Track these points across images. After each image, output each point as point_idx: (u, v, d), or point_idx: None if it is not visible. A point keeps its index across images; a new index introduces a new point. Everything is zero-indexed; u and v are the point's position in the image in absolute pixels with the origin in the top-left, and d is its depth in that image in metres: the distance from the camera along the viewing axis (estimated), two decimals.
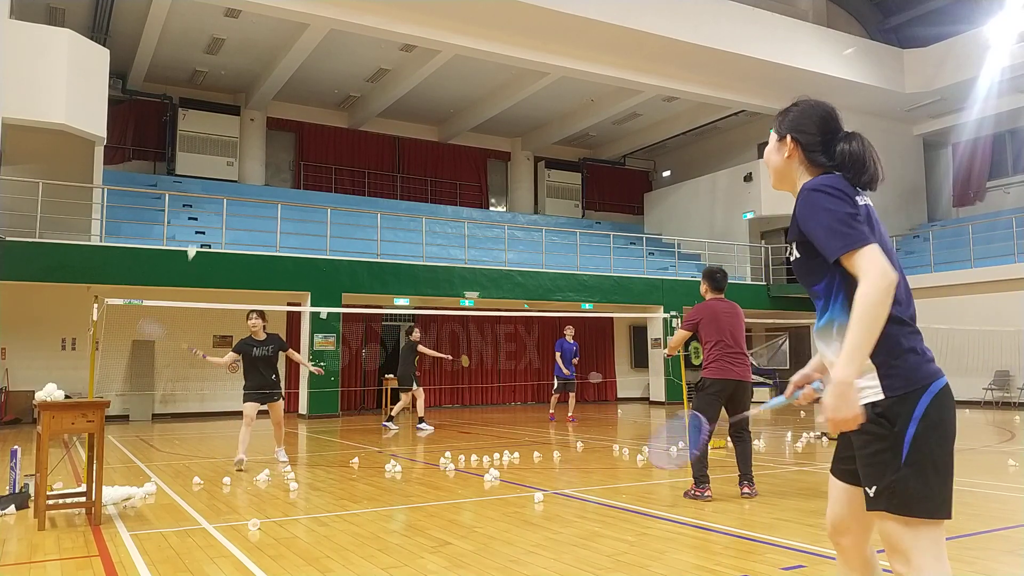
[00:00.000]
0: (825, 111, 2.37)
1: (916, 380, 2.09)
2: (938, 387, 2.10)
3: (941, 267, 19.58)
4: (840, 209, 2.12)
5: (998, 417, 15.01)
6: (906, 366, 2.10)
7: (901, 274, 2.19)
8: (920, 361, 2.11)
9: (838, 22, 23.09)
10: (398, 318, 20.32)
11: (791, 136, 2.36)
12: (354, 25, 16.42)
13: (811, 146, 2.32)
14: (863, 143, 2.30)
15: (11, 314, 14.37)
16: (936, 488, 2.06)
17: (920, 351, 2.14)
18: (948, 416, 2.09)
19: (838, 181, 2.21)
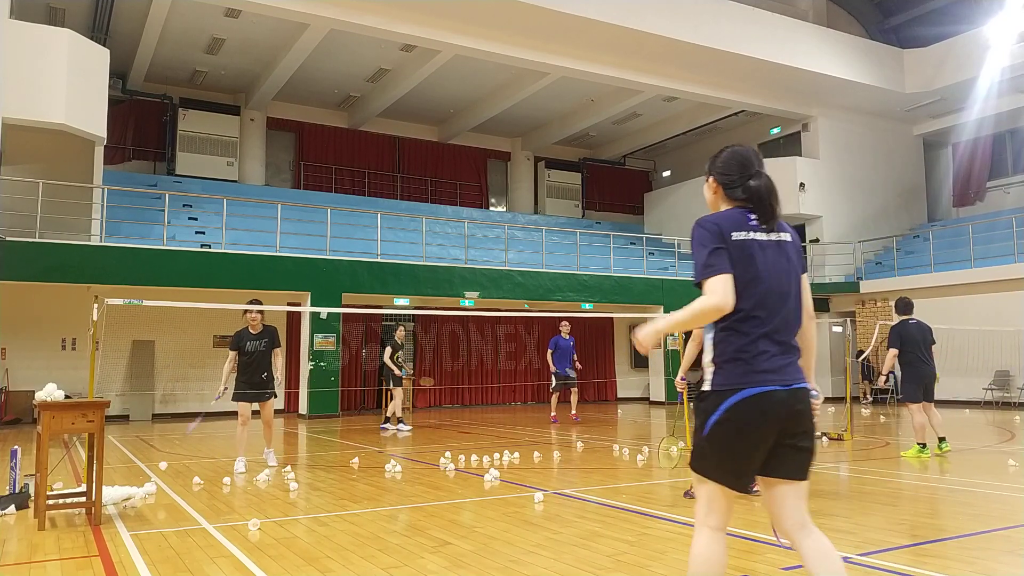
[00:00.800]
0: (744, 156, 2.91)
1: (732, 383, 2.67)
2: (745, 395, 2.65)
3: (941, 267, 19.57)
4: (703, 248, 2.73)
5: (998, 417, 15.00)
6: (728, 371, 2.70)
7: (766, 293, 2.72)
8: (743, 369, 2.67)
9: (838, 22, 23.09)
10: (398, 318, 20.32)
11: (714, 177, 2.95)
12: (354, 25, 16.42)
13: (729, 184, 2.89)
14: (765, 182, 2.84)
15: (11, 314, 14.37)
16: (715, 460, 2.71)
17: (748, 361, 2.67)
18: (743, 418, 2.65)
19: (719, 218, 2.80)
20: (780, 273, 2.76)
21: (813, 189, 22.36)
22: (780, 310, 2.74)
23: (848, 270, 22.15)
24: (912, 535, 5.10)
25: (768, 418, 2.65)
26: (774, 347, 2.70)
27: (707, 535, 2.71)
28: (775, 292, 2.73)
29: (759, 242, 2.75)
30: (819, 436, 11.16)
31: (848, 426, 11.40)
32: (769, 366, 2.67)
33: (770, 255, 2.76)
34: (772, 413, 2.65)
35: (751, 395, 2.64)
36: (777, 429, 2.67)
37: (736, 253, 2.71)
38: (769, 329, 2.70)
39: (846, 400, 12.08)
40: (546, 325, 21.85)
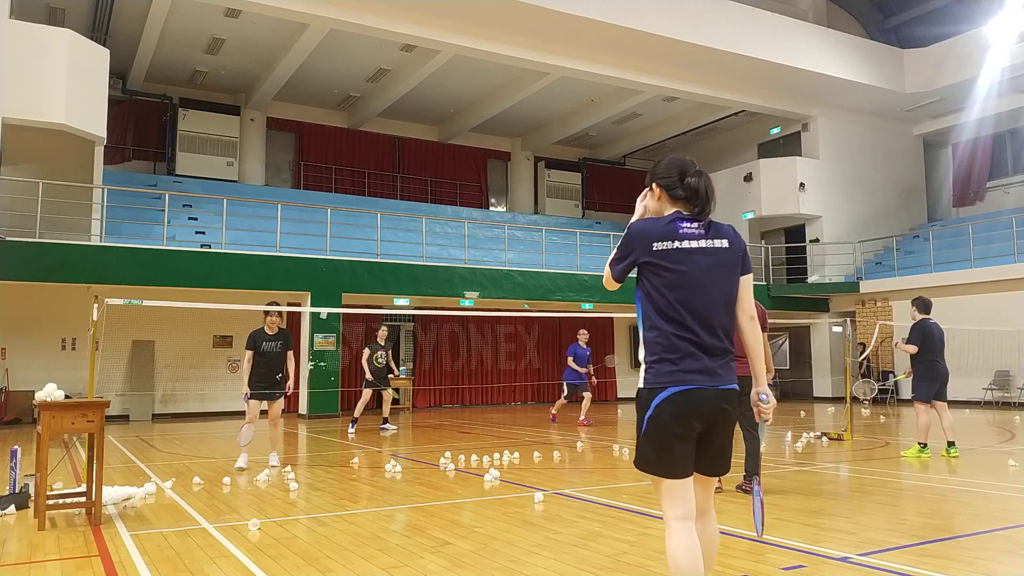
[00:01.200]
0: (682, 160, 3.14)
1: (661, 382, 2.89)
2: (669, 392, 2.87)
3: (941, 267, 19.57)
4: (620, 252, 3.03)
5: (998, 417, 15.00)
6: (657, 370, 2.92)
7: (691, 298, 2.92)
8: (671, 369, 2.89)
9: (838, 22, 23.09)
10: (398, 318, 20.32)
11: (656, 183, 3.13)
12: (354, 25, 16.42)
13: (670, 186, 3.07)
14: (704, 180, 3.08)
15: (11, 314, 14.37)
16: (653, 455, 2.91)
17: (675, 362, 2.89)
18: (671, 413, 2.86)
19: (648, 226, 3.02)
20: (708, 278, 2.93)
21: (813, 189, 22.36)
22: (706, 314, 2.91)
23: (848, 270, 22.15)
24: (912, 535, 5.10)
25: (693, 414, 2.87)
26: (700, 349, 2.89)
27: (675, 527, 2.89)
28: (700, 297, 2.91)
29: (686, 249, 2.94)
30: (819, 436, 11.17)
31: (848, 426, 11.40)
32: (696, 367, 2.87)
33: (698, 261, 2.94)
34: (697, 410, 2.87)
35: (677, 392, 2.86)
36: (702, 425, 2.89)
37: (660, 262, 2.93)
38: (694, 332, 2.89)
39: (846, 400, 12.08)
40: (546, 325, 21.86)
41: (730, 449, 3.04)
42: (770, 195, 22.52)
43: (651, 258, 2.93)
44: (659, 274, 2.92)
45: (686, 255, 2.92)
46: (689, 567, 2.81)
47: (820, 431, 11.67)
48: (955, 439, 9.24)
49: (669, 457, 2.88)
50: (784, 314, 20.87)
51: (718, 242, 3.00)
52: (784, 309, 21.47)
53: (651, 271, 2.95)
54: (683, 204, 3.04)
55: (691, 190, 3.02)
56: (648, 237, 2.96)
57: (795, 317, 21.41)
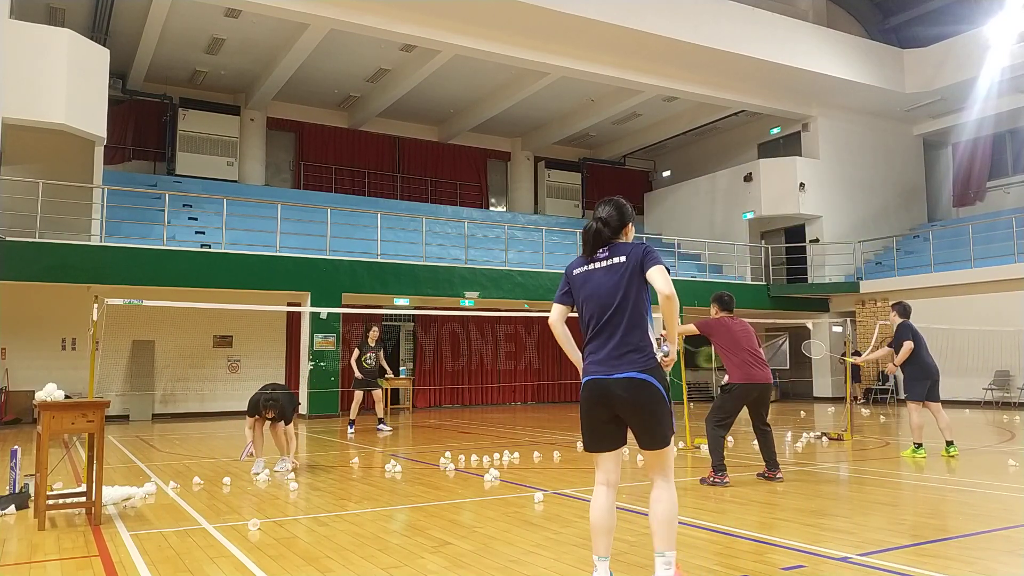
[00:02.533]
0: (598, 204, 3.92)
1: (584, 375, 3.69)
2: (584, 381, 3.69)
3: (941, 267, 19.58)
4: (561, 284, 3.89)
5: (998, 417, 15.00)
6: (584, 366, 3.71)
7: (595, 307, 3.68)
8: (586, 364, 3.70)
9: (838, 22, 23.10)
10: (398, 318, 20.32)
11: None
12: (354, 25, 16.43)
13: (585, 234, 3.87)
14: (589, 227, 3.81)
15: (11, 314, 14.37)
16: (583, 431, 3.73)
17: (587, 357, 3.70)
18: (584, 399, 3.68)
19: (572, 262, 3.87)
20: (605, 289, 3.65)
21: (813, 189, 22.37)
22: (604, 317, 3.62)
23: (848, 270, 22.16)
24: (912, 535, 5.10)
25: (597, 399, 3.60)
26: (602, 347, 3.61)
27: (597, 490, 3.70)
28: (600, 305, 3.64)
29: (590, 271, 3.72)
30: (819, 436, 11.17)
31: (848, 426, 11.40)
32: (598, 359, 3.60)
33: (598, 277, 3.68)
34: (599, 396, 3.59)
35: (585, 382, 3.65)
36: (609, 407, 3.57)
37: (575, 283, 3.77)
38: (597, 333, 3.64)
39: (846, 400, 12.08)
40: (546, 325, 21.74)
41: (651, 425, 3.58)
42: (770, 195, 22.52)
43: (571, 282, 3.81)
44: (575, 292, 3.77)
45: (590, 275, 3.72)
46: (599, 519, 3.61)
47: (820, 431, 11.67)
48: (953, 438, 9.22)
49: (590, 435, 3.70)
50: (784, 314, 20.87)
51: (615, 259, 3.69)
52: (784, 309, 21.47)
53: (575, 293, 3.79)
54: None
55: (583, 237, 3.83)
56: (570, 267, 3.85)
57: (795, 317, 21.39)
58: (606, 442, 3.65)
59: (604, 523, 3.61)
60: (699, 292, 20.21)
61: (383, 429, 13.37)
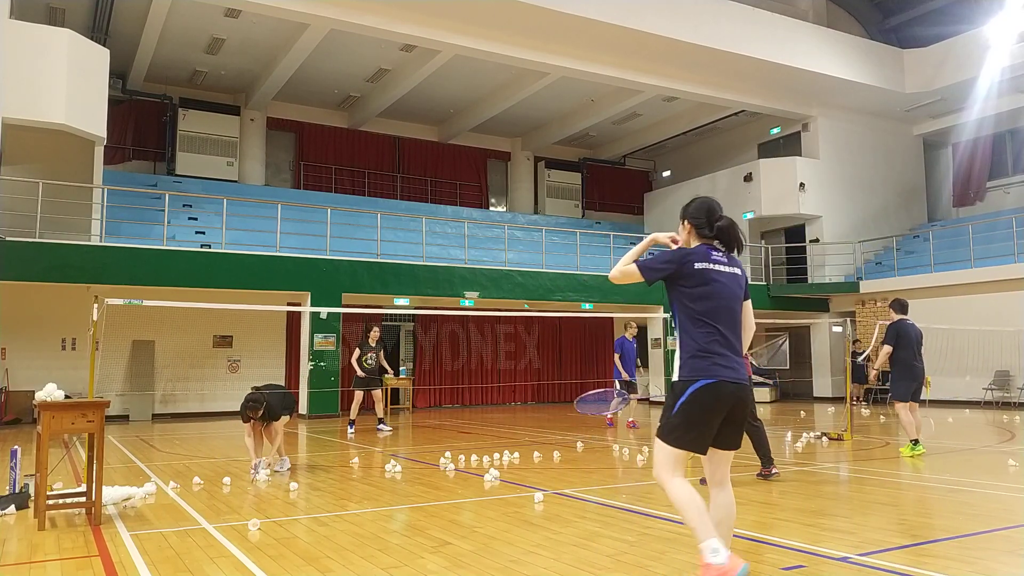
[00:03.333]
0: (710, 204, 3.85)
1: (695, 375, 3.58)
2: (703, 382, 3.55)
3: (941, 267, 19.58)
4: (662, 257, 3.75)
5: (998, 417, 15.00)
6: (692, 365, 3.60)
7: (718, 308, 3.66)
8: (705, 364, 3.58)
9: (838, 22, 23.09)
10: (398, 318, 20.32)
11: (687, 221, 3.87)
12: (354, 25, 16.42)
13: (699, 226, 3.82)
14: (728, 223, 3.79)
15: (11, 314, 14.37)
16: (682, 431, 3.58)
17: (707, 358, 3.59)
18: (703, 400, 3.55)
19: (688, 250, 3.77)
20: (730, 295, 3.71)
21: (813, 189, 22.36)
22: (728, 322, 3.67)
23: (848, 270, 22.15)
24: (912, 535, 5.10)
25: (726, 400, 3.56)
26: (729, 350, 3.63)
27: (679, 480, 3.57)
28: (725, 308, 3.67)
29: (716, 270, 3.69)
30: (819, 436, 11.17)
31: (848, 426, 11.40)
32: (723, 363, 3.58)
33: (726, 280, 3.70)
34: (728, 397, 3.56)
35: (708, 384, 3.54)
36: (729, 409, 3.58)
37: (698, 278, 3.65)
38: (725, 337, 3.63)
39: (846, 400, 12.08)
40: (546, 325, 21.87)
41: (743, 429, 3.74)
42: (770, 195, 22.52)
43: (690, 274, 3.65)
44: (697, 286, 3.64)
45: (716, 275, 3.67)
46: (701, 500, 3.50)
47: (820, 431, 11.67)
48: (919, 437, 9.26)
49: (697, 435, 3.60)
50: (784, 314, 20.88)
51: (736, 269, 3.78)
52: (784, 309, 21.47)
53: (685, 285, 3.66)
54: (707, 242, 3.79)
55: (720, 232, 3.77)
56: (690, 257, 3.69)
57: (795, 317, 21.40)
58: (708, 441, 3.64)
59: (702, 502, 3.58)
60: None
61: (383, 429, 13.36)
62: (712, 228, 3.78)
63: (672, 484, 3.57)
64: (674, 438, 3.58)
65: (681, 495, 3.53)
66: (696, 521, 3.46)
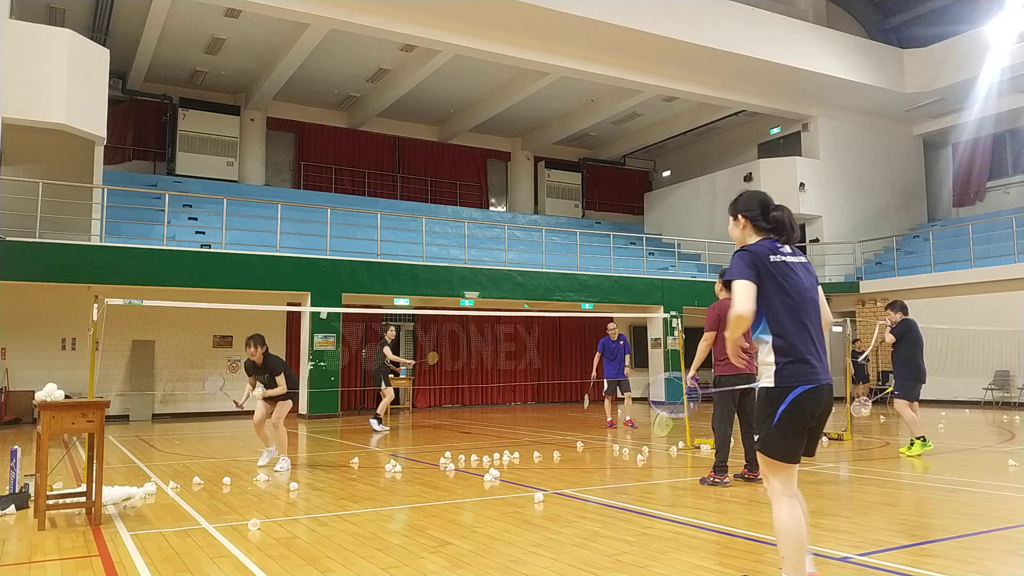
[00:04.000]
0: (762, 195, 3.68)
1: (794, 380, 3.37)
2: (803, 389, 3.35)
3: (941, 267, 19.58)
4: (742, 260, 3.43)
5: (998, 417, 15.01)
6: (790, 370, 3.38)
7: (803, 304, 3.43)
8: (803, 369, 3.37)
9: (838, 22, 23.10)
10: (398, 318, 20.32)
11: (741, 214, 3.66)
12: (354, 25, 16.43)
13: (755, 218, 3.61)
14: (787, 213, 3.58)
15: (11, 314, 14.37)
16: (784, 443, 3.42)
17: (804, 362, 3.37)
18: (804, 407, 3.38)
19: (753, 247, 3.49)
20: (810, 287, 3.47)
21: (813, 189, 22.37)
22: (814, 317, 3.43)
23: (848, 270, 22.16)
24: (912, 535, 5.10)
25: (824, 404, 3.41)
26: (818, 348, 3.41)
27: (788, 503, 3.40)
28: (810, 301, 3.43)
29: (788, 263, 3.45)
30: None
31: (848, 426, 11.40)
32: (819, 366, 3.40)
33: (800, 271, 3.47)
34: (825, 400, 3.41)
35: (809, 390, 3.35)
36: (821, 416, 3.43)
37: (777, 272, 3.40)
38: (810, 333, 3.40)
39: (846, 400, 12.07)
40: (546, 325, 21.86)
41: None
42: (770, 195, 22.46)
43: (766, 269, 3.40)
44: (775, 283, 3.39)
45: (791, 268, 3.46)
46: (803, 534, 3.34)
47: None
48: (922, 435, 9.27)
49: (796, 445, 3.45)
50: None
51: (803, 258, 3.57)
52: None
53: (769, 282, 3.39)
54: (766, 236, 3.58)
55: (776, 223, 3.56)
56: (759, 253, 3.45)
57: None
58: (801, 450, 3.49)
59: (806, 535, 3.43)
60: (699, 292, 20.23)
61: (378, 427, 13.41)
62: (768, 219, 3.58)
63: (781, 504, 3.39)
64: (781, 451, 3.40)
65: (786, 520, 3.35)
66: (790, 552, 3.30)
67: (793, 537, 3.31)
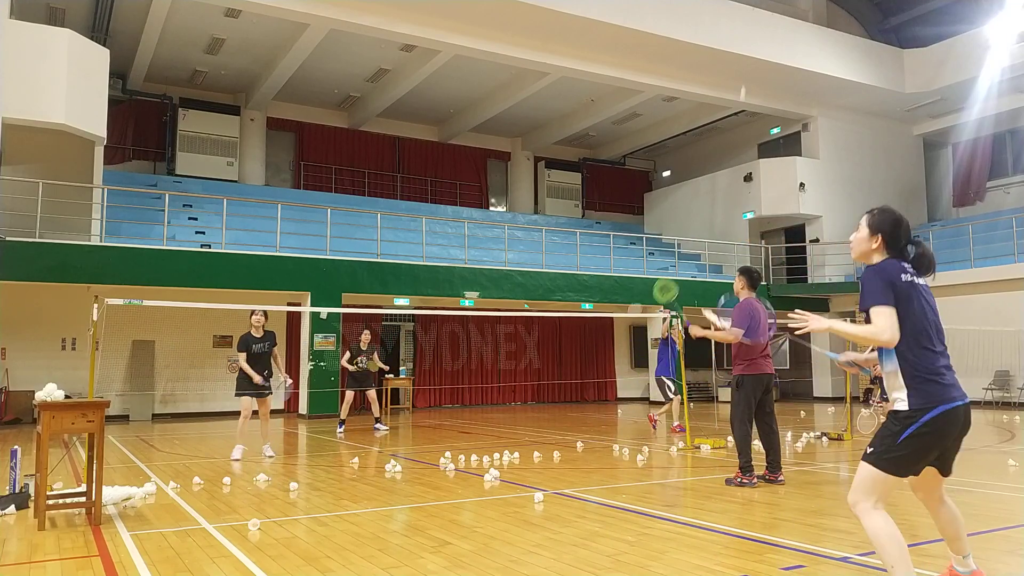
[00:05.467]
0: (906, 222, 3.56)
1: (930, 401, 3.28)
2: (941, 409, 3.26)
3: (941, 267, 19.15)
4: (877, 284, 3.35)
5: (998, 417, 15.00)
6: (924, 391, 3.30)
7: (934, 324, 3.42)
8: (938, 389, 3.30)
9: (838, 22, 23.09)
10: (398, 318, 20.32)
11: (882, 235, 3.52)
12: (354, 25, 16.42)
13: (892, 244, 3.52)
14: (926, 247, 3.53)
15: (11, 314, 14.37)
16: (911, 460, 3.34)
17: (939, 382, 3.31)
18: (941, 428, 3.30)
19: (887, 265, 3.42)
20: (935, 309, 3.48)
21: (813, 189, 22.37)
22: (942, 337, 3.42)
23: (848, 270, 22.15)
24: (912, 535, 5.09)
25: (962, 424, 3.34)
26: (950, 368, 3.37)
27: (882, 511, 3.31)
28: (937, 322, 3.43)
29: (916, 283, 3.41)
30: (819, 436, 11.17)
31: (848, 426, 11.40)
32: (955, 384, 3.34)
33: (925, 292, 3.44)
34: (964, 421, 3.34)
35: (948, 409, 3.26)
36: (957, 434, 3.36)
37: (910, 291, 3.36)
38: (944, 353, 3.38)
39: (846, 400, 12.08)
40: (546, 325, 21.86)
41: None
42: (770, 195, 22.52)
43: (899, 289, 3.34)
44: (908, 303, 3.34)
45: (917, 288, 3.40)
46: (901, 536, 3.27)
47: (820, 431, 11.67)
48: None
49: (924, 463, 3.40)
50: (784, 314, 20.83)
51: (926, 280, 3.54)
52: (784, 309, 21.31)
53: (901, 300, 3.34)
54: (896, 257, 3.50)
55: (918, 257, 3.51)
56: (892, 272, 3.39)
57: None
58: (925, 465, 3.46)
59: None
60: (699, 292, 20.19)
61: (379, 428, 13.46)
62: (905, 251, 3.51)
63: (873, 516, 3.28)
64: (895, 466, 3.29)
65: (882, 529, 3.26)
66: (897, 559, 3.21)
67: (896, 539, 3.26)
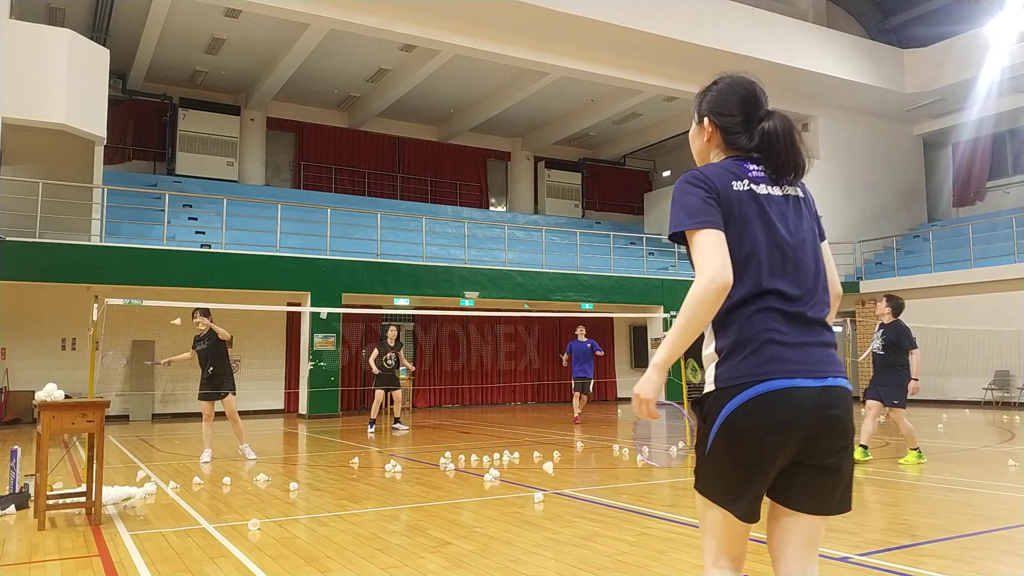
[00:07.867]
0: (748, 90, 2.30)
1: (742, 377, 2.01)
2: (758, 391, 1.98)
3: (941, 267, 19.57)
4: (692, 195, 2.08)
5: (998, 417, 15.00)
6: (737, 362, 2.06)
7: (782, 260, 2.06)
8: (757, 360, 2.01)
9: (838, 22, 23.10)
10: (398, 318, 20.32)
11: (708, 119, 2.32)
12: (354, 25, 16.42)
13: (731, 128, 2.25)
14: (781, 123, 2.22)
15: (11, 314, 14.37)
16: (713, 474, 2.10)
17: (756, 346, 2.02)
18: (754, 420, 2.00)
19: (708, 169, 2.18)
20: (798, 235, 2.10)
21: (813, 189, 22.11)
22: (803, 282, 2.06)
23: (848, 270, 22.15)
24: (912, 535, 5.10)
25: (790, 423, 1.96)
26: (789, 327, 2.01)
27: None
28: (792, 259, 2.06)
29: (764, 195, 2.11)
30: None
31: None
32: (793, 355, 1.99)
33: (781, 211, 2.11)
34: (796, 416, 1.96)
35: (766, 391, 1.95)
36: (802, 439, 1.98)
37: (736, 208, 2.06)
38: (790, 306, 2.03)
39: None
40: (546, 325, 21.85)
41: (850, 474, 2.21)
42: None
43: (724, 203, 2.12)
44: (735, 227, 2.08)
45: (765, 202, 2.15)
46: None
47: None
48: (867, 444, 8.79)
49: (733, 483, 2.02)
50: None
51: (796, 190, 2.24)
52: None
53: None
54: (741, 156, 2.25)
55: (764, 140, 2.22)
56: (716, 178, 2.18)
57: None
58: (757, 500, 2.06)
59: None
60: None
61: (399, 428, 13.41)
62: (751, 133, 2.24)
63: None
64: (710, 489, 2.07)
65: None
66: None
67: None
